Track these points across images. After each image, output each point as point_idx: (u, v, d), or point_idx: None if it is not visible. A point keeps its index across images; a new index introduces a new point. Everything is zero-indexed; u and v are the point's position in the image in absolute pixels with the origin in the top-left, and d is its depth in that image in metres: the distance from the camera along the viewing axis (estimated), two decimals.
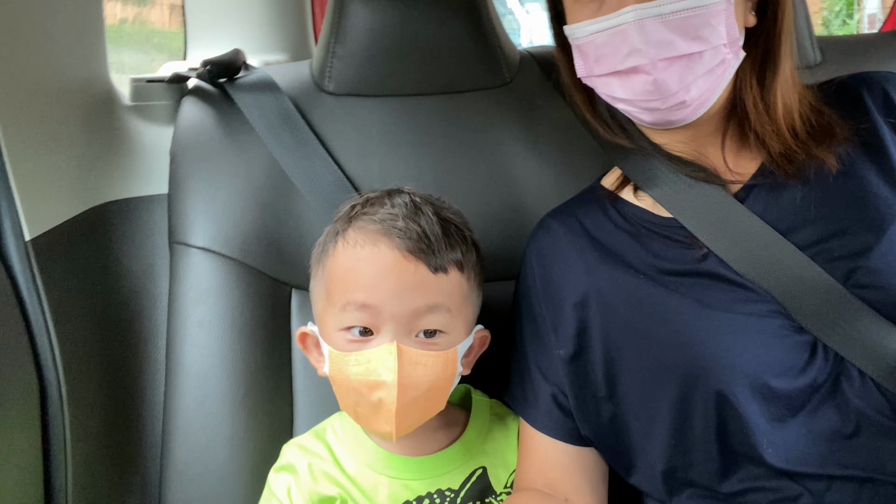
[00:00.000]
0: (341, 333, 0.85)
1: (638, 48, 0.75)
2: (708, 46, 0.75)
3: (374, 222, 0.85)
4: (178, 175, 1.07)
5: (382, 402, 0.81)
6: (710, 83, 0.77)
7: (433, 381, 0.83)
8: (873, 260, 0.74)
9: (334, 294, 0.85)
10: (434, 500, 0.89)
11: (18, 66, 0.96)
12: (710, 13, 0.74)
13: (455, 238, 0.87)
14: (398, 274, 0.82)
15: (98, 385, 1.04)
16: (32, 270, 0.93)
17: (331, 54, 1.11)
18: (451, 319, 0.85)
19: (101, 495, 1.04)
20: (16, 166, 0.92)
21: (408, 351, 0.82)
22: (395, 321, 0.82)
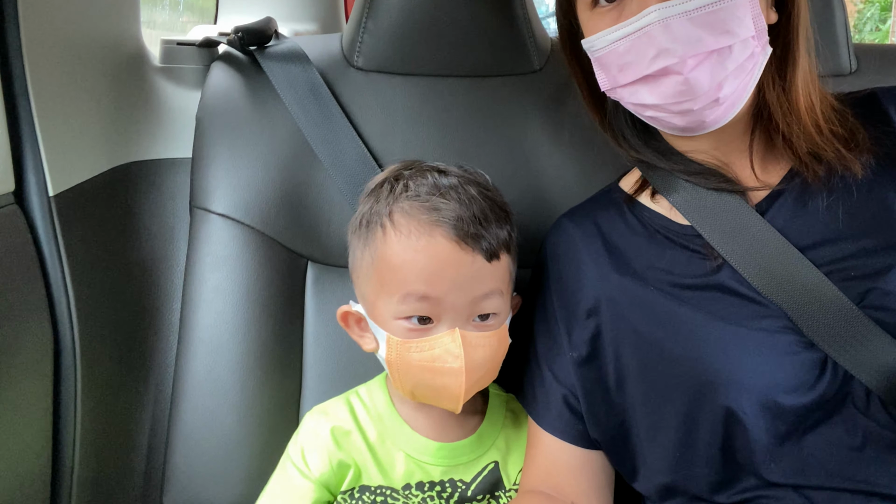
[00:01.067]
0: (400, 322, 0.85)
1: (666, 48, 0.72)
2: (737, 39, 0.73)
3: (425, 210, 0.84)
4: (203, 140, 1.07)
5: (449, 386, 0.84)
6: (741, 79, 0.75)
7: (493, 358, 0.87)
8: (889, 282, 0.73)
9: (389, 283, 0.85)
10: (446, 489, 0.90)
11: (51, 21, 0.96)
12: (736, 4, 0.72)
13: (500, 216, 0.88)
14: (457, 266, 0.83)
15: (111, 343, 1.05)
16: (54, 226, 0.94)
17: (362, 29, 1.11)
18: (503, 300, 0.88)
19: (108, 451, 1.05)
20: (43, 121, 0.93)
21: (469, 336, 0.84)
22: (455, 310, 0.84)
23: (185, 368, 1.00)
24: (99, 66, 1.08)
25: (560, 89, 1.12)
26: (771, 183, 0.82)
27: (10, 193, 0.92)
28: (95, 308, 1.00)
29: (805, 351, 0.75)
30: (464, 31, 1.10)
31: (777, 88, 0.79)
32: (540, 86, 1.13)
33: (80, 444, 0.97)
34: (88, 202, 1.02)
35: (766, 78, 0.79)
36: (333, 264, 1.06)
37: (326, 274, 1.06)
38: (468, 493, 0.90)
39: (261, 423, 0.99)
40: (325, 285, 1.06)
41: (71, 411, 0.96)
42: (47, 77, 0.94)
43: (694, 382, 0.78)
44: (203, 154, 1.06)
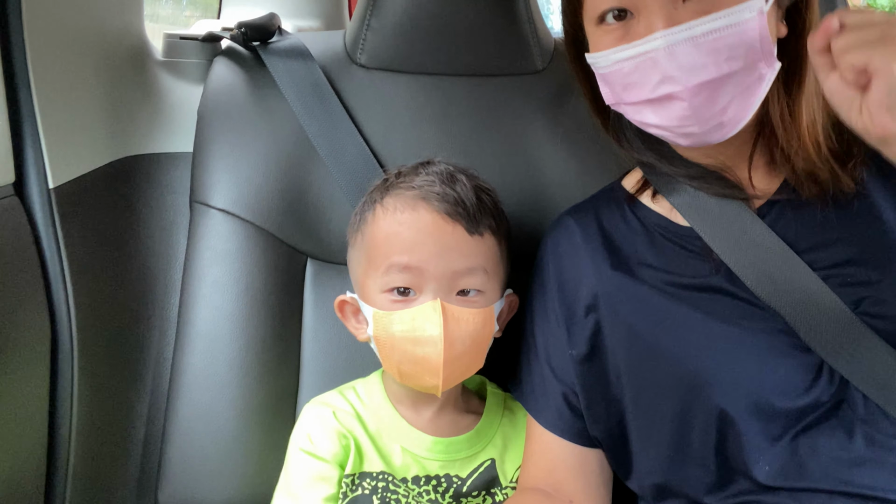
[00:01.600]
0: (384, 295, 0.88)
1: (671, 75, 0.71)
2: (743, 64, 0.71)
3: (412, 188, 0.89)
4: (204, 135, 1.07)
5: (429, 357, 0.85)
6: (747, 100, 0.74)
7: (474, 337, 0.87)
8: (884, 290, 0.73)
9: (376, 258, 0.88)
10: (441, 483, 0.90)
11: (54, 13, 0.96)
12: (745, 30, 0.70)
13: (487, 205, 0.91)
14: (438, 236, 0.86)
15: (109, 336, 1.05)
16: (54, 218, 0.94)
17: (365, 26, 1.10)
18: (488, 280, 0.89)
19: (104, 445, 1.05)
20: (45, 114, 0.93)
21: (450, 308, 0.85)
22: (436, 281, 0.86)
23: (182, 363, 1.00)
24: (101, 59, 1.08)
25: (562, 90, 1.11)
26: (769, 189, 0.82)
27: (10, 185, 0.92)
28: (93, 301, 1.00)
29: (801, 354, 0.75)
30: (467, 30, 1.10)
31: (781, 103, 0.78)
32: (542, 86, 1.13)
33: (75, 436, 0.97)
34: (88, 195, 1.02)
35: (773, 92, 0.77)
36: (333, 261, 1.06)
37: (326, 271, 1.06)
38: (463, 488, 0.91)
39: (257, 419, 0.99)
40: (324, 282, 1.06)
41: (67, 404, 0.96)
42: (49, 69, 0.94)
43: (688, 381, 0.78)
44: (204, 149, 1.06)
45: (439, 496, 0.90)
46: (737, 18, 0.70)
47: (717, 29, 0.70)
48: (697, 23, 0.70)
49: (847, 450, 0.73)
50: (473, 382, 1.03)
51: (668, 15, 0.72)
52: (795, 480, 0.74)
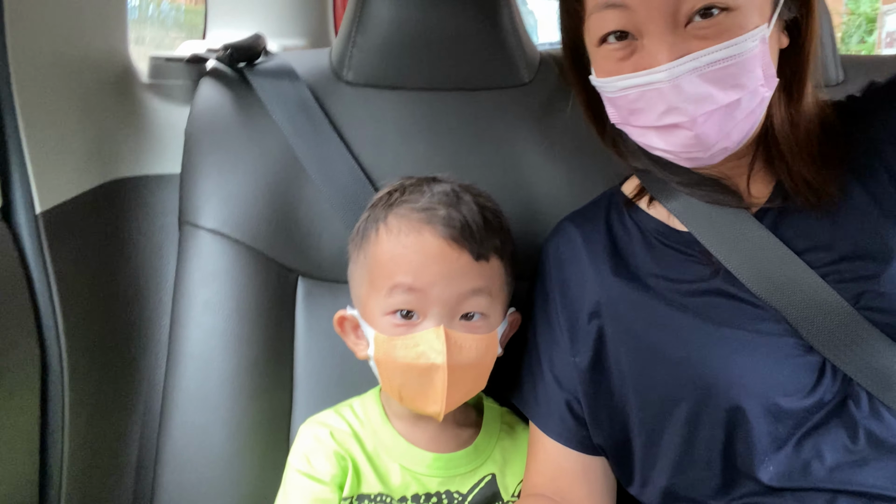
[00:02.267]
0: (387, 318, 0.87)
1: (675, 106, 0.72)
2: (746, 91, 0.71)
3: (416, 211, 0.87)
4: (192, 156, 1.06)
5: (432, 384, 0.84)
6: (750, 123, 0.75)
7: (477, 363, 0.87)
8: (882, 284, 0.73)
9: (379, 279, 0.87)
10: (442, 500, 0.90)
11: (40, 37, 0.96)
12: (748, 59, 0.70)
13: (493, 225, 0.90)
14: (443, 261, 0.85)
15: (100, 361, 1.04)
16: (41, 243, 0.93)
17: (351, 44, 1.11)
18: (492, 303, 0.88)
19: (97, 469, 1.04)
20: (31, 138, 0.92)
21: (454, 335, 0.84)
22: (440, 305, 0.85)
23: (174, 385, 1.00)
24: (87, 83, 1.07)
25: (550, 102, 1.12)
26: (763, 195, 0.82)
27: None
28: (83, 325, 1.00)
29: (804, 354, 0.75)
30: (453, 44, 1.10)
31: (783, 114, 0.78)
32: (529, 98, 1.13)
33: (67, 462, 0.96)
34: (76, 219, 1.01)
35: (774, 102, 0.77)
36: (324, 279, 1.05)
37: (317, 289, 1.06)
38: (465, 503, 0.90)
39: (251, 440, 0.98)
40: (315, 300, 1.05)
41: (59, 428, 0.95)
42: (34, 93, 0.94)
43: (695, 386, 0.77)
44: (192, 170, 1.06)
45: None
46: (740, 49, 0.70)
47: (721, 59, 0.70)
48: (701, 54, 0.70)
49: (851, 450, 0.73)
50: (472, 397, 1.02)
51: (671, 43, 0.71)
52: (799, 481, 0.73)
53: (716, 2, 0.70)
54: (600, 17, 0.75)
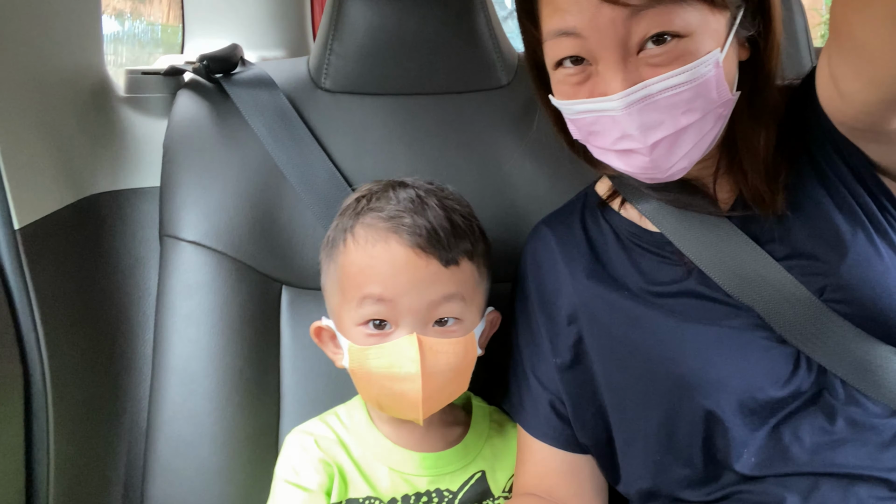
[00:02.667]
0: (359, 328, 0.87)
1: (629, 133, 0.72)
2: (700, 116, 0.71)
3: (382, 219, 0.87)
4: (171, 168, 1.06)
5: (408, 393, 0.83)
6: (706, 142, 0.74)
7: (455, 367, 0.86)
8: (842, 276, 0.74)
9: (349, 290, 0.87)
10: (432, 499, 0.89)
11: (13, 53, 0.95)
12: (702, 84, 0.70)
13: (462, 229, 0.89)
14: (412, 269, 0.85)
15: (83, 377, 1.03)
16: (20, 260, 0.92)
17: (328, 51, 1.11)
18: (466, 307, 0.88)
19: (83, 487, 1.03)
20: (7, 154, 0.91)
21: (428, 341, 0.84)
22: (412, 314, 0.85)
23: (159, 399, 0.99)
24: (62, 98, 1.07)
25: (529, 103, 1.12)
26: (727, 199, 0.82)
27: None
28: (66, 342, 0.99)
29: (778, 347, 0.76)
30: (430, 49, 1.11)
31: (745, 125, 0.78)
32: (508, 100, 1.13)
33: (53, 482, 0.95)
34: (55, 235, 1.01)
35: (737, 114, 0.77)
36: (308, 287, 1.05)
37: (301, 297, 1.05)
38: (455, 501, 0.90)
39: (239, 452, 0.97)
40: (300, 309, 1.05)
41: (43, 448, 0.94)
42: (9, 109, 0.93)
43: (672, 384, 0.78)
44: (172, 182, 1.05)
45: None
46: (694, 75, 0.69)
47: (675, 86, 0.69)
48: (653, 81, 0.69)
49: (829, 433, 0.73)
50: (459, 397, 1.01)
51: (624, 71, 0.70)
52: (780, 467, 0.74)
53: (667, 29, 0.69)
54: (555, 43, 0.74)
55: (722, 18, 0.71)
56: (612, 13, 0.69)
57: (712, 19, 0.70)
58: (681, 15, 0.68)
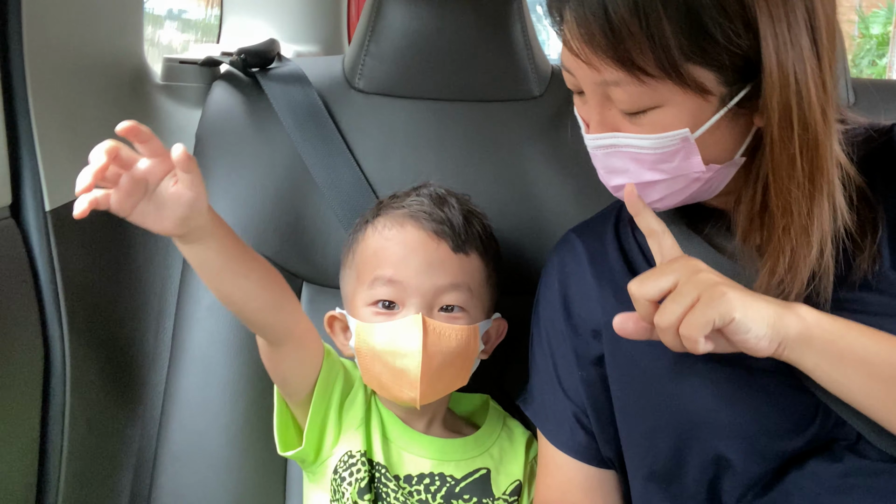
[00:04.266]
0: (368, 308, 0.90)
1: (600, 168, 0.75)
2: (669, 176, 0.71)
3: (402, 208, 0.93)
4: (202, 158, 1.07)
5: (407, 370, 0.86)
6: (687, 194, 0.74)
7: (456, 353, 0.89)
8: None
9: (363, 273, 0.91)
10: (434, 481, 0.90)
11: (56, 36, 0.97)
12: (667, 153, 0.70)
13: (476, 227, 0.94)
14: (423, 251, 0.89)
15: (102, 361, 1.04)
16: (49, 241, 0.93)
17: (364, 52, 1.11)
18: (471, 299, 0.91)
19: (95, 469, 1.04)
20: (43, 136, 0.92)
21: (431, 322, 0.87)
22: (419, 296, 0.88)
23: (175, 388, 1.00)
24: (101, 82, 1.08)
25: (559, 116, 1.12)
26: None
27: (7, 207, 0.91)
28: (87, 324, 1.00)
29: (799, 394, 0.73)
30: (465, 56, 1.11)
31: (754, 188, 0.72)
32: (539, 112, 1.13)
33: (66, 460, 0.96)
34: (84, 218, 1.02)
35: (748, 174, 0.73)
36: (329, 285, 1.06)
37: (321, 295, 1.06)
38: (456, 489, 0.90)
39: (250, 445, 0.98)
40: (319, 306, 1.05)
41: (59, 428, 0.95)
42: (48, 91, 0.94)
43: (686, 420, 0.77)
44: (202, 172, 1.06)
45: (430, 496, 0.89)
46: (657, 144, 0.69)
47: (638, 146, 0.70)
48: (621, 136, 0.70)
49: (837, 479, 0.72)
50: (474, 402, 1.03)
51: (601, 116, 0.72)
52: None
53: (633, 109, 0.69)
54: (563, 55, 0.74)
55: (701, 100, 0.68)
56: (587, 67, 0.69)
57: (686, 99, 0.68)
58: (648, 93, 0.68)
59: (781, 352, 0.66)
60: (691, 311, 0.64)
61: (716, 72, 0.67)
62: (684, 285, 0.65)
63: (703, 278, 0.65)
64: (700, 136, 0.69)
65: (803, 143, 0.66)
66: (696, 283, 0.65)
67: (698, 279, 0.65)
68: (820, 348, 0.66)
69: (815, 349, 0.66)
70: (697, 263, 0.67)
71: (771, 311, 0.65)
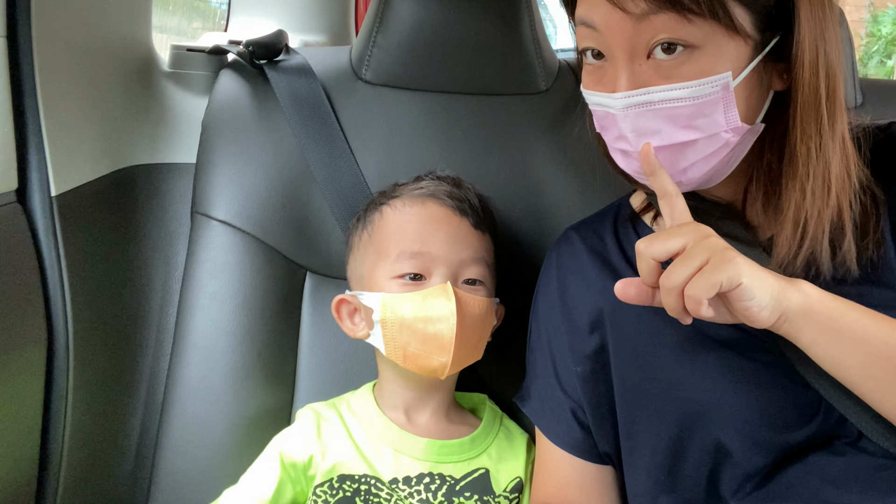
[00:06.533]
0: (394, 281, 0.92)
1: (624, 135, 0.72)
2: (702, 135, 0.70)
3: (419, 189, 0.96)
4: (208, 146, 1.07)
5: (441, 333, 0.88)
6: (713, 164, 0.72)
7: (479, 322, 0.92)
8: None
9: (385, 248, 0.93)
10: (434, 480, 0.90)
11: (64, 22, 0.97)
12: (705, 104, 0.69)
13: (489, 209, 1.00)
14: (447, 224, 0.93)
15: (105, 346, 1.05)
16: (55, 226, 0.94)
17: (372, 43, 1.11)
18: (489, 274, 0.96)
19: (96, 454, 1.05)
20: (49, 121, 0.93)
21: (460, 292, 0.90)
22: (446, 266, 0.91)
23: (177, 374, 1.00)
24: (108, 69, 1.08)
25: (566, 110, 1.12)
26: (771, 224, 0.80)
27: (13, 192, 0.92)
28: (91, 309, 1.00)
29: (800, 389, 0.74)
30: (473, 49, 1.11)
31: (768, 158, 0.75)
32: (546, 106, 1.13)
33: (68, 444, 0.97)
34: (90, 204, 1.02)
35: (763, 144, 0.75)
36: (332, 275, 1.06)
37: (324, 285, 1.06)
38: (456, 487, 0.91)
39: (251, 433, 0.98)
40: (322, 296, 1.06)
41: (61, 412, 0.96)
42: (56, 77, 0.94)
43: (687, 409, 0.77)
44: (207, 160, 1.06)
45: (431, 495, 0.89)
46: (696, 93, 0.69)
47: (675, 99, 0.69)
48: (656, 90, 0.69)
49: (836, 472, 0.72)
50: (472, 401, 1.03)
51: (631, 73, 0.70)
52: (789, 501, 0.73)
53: (675, 38, 0.68)
54: (580, 31, 0.75)
55: (741, 43, 0.69)
56: (622, 13, 0.69)
57: (726, 41, 0.69)
58: (687, 27, 0.68)
59: (781, 324, 0.67)
60: (699, 273, 0.64)
61: (754, 14, 0.69)
62: (693, 248, 0.65)
63: (713, 242, 0.66)
64: (735, 88, 0.69)
65: (828, 86, 0.69)
66: (705, 247, 0.65)
67: (708, 243, 0.65)
68: (820, 323, 0.67)
69: (814, 324, 0.66)
70: (707, 229, 0.68)
71: (775, 282, 0.66)
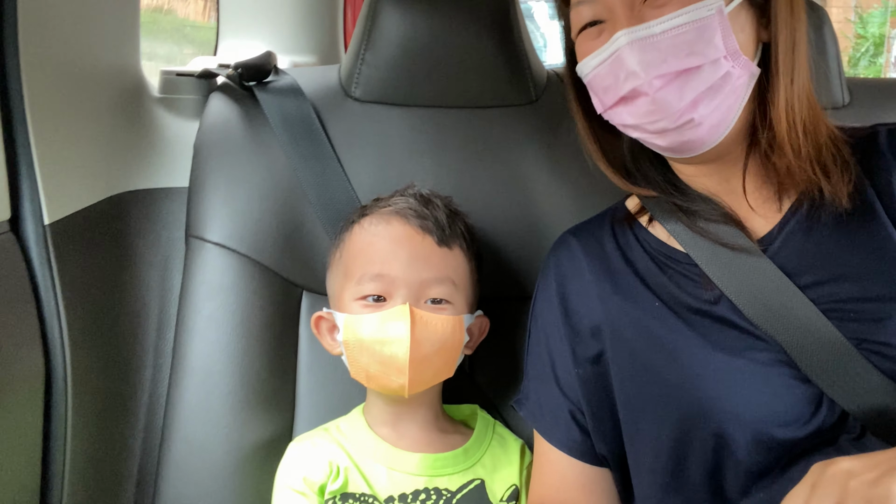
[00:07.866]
0: (357, 303, 0.92)
1: (633, 70, 0.75)
2: (705, 60, 0.74)
3: (387, 206, 0.96)
4: (200, 170, 1.07)
5: (396, 356, 0.88)
6: (719, 100, 0.75)
7: (442, 342, 0.91)
8: (888, 332, 0.72)
9: (351, 269, 0.94)
10: (430, 496, 0.90)
11: (52, 49, 0.97)
12: (703, 27, 0.73)
13: (459, 226, 0.97)
14: (409, 246, 0.92)
15: (104, 372, 1.04)
16: (49, 254, 0.94)
17: (360, 60, 1.12)
18: (456, 292, 0.94)
19: (98, 481, 1.04)
20: (41, 150, 0.93)
21: (418, 312, 0.90)
22: (406, 288, 0.91)
23: (176, 398, 1.00)
24: (98, 96, 1.08)
25: (556, 120, 1.12)
26: (772, 216, 0.82)
27: (6, 221, 0.91)
28: (88, 337, 1.00)
29: (801, 386, 0.74)
30: (462, 62, 1.11)
31: (758, 107, 0.79)
32: (536, 116, 1.13)
33: (69, 473, 0.96)
34: (84, 231, 1.02)
35: (753, 98, 0.79)
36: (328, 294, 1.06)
37: (321, 303, 1.06)
38: (453, 501, 0.91)
39: (252, 455, 0.98)
40: None
41: (61, 439, 0.95)
42: (46, 105, 0.95)
43: (688, 410, 0.77)
44: (200, 183, 1.07)
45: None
46: (694, 16, 0.73)
47: (676, 26, 0.74)
48: (655, 22, 0.74)
49: None
50: (462, 413, 1.03)
51: (630, 15, 0.76)
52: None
53: None
54: (577, 13, 0.80)
55: None
56: None
57: None
58: None
59: None
60: None
61: None
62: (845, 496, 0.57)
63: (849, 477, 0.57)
64: (729, 16, 0.74)
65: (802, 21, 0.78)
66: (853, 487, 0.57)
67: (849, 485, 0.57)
68: None
69: None
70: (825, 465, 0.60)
71: None
